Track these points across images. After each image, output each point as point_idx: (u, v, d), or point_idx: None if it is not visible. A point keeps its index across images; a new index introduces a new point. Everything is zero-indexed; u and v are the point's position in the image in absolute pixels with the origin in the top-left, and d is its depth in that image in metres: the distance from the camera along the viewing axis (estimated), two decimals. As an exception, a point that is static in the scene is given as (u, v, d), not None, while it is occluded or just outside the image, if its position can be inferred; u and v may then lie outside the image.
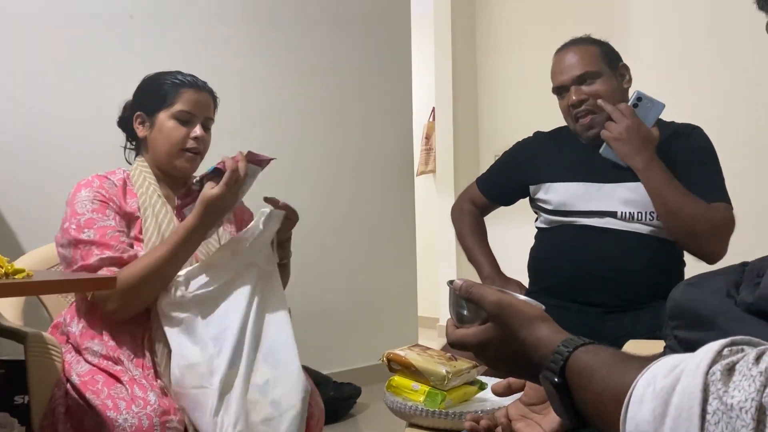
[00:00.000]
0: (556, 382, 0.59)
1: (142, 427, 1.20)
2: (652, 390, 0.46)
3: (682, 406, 0.43)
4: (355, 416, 2.68)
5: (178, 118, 1.48)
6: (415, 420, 1.25)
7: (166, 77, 1.52)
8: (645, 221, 1.60)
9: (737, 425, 0.40)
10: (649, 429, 0.45)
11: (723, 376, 0.42)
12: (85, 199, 1.40)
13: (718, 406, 0.41)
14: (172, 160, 1.50)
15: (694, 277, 0.71)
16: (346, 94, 3.10)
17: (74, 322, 1.42)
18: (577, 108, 1.64)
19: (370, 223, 3.17)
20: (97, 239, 1.35)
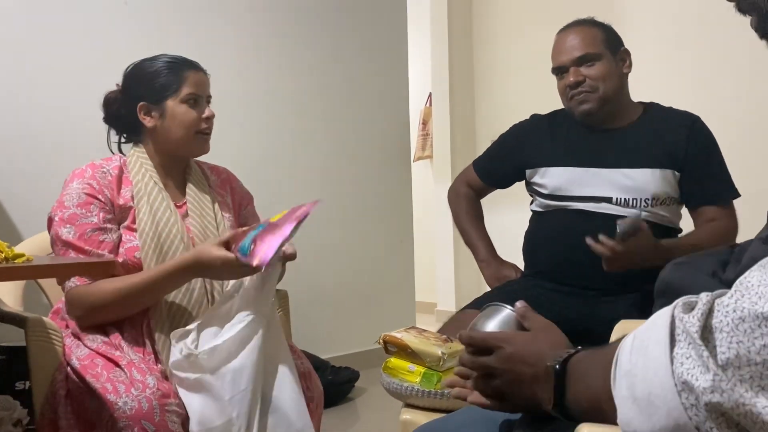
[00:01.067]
0: (556, 369, 0.64)
1: (142, 409, 1.21)
2: (632, 337, 0.54)
3: (654, 337, 0.50)
4: (354, 400, 2.70)
5: (187, 102, 1.47)
6: (412, 400, 1.27)
7: (157, 63, 1.49)
8: (640, 207, 1.62)
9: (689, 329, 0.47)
10: (629, 366, 0.51)
11: (685, 308, 0.50)
12: (74, 192, 1.40)
13: (681, 326, 0.48)
14: (188, 144, 1.49)
15: (682, 257, 0.73)
16: (342, 80, 3.09)
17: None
18: (573, 89, 1.65)
19: (368, 209, 3.17)
20: (74, 241, 1.35)
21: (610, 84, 1.63)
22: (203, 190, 1.55)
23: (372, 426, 2.41)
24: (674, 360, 0.47)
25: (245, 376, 1.26)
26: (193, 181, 1.55)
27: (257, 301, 1.33)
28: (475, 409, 0.96)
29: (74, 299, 1.36)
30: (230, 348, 1.26)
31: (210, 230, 1.50)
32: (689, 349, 0.46)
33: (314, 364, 1.67)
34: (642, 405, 0.48)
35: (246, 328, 1.28)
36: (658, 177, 1.62)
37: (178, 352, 1.26)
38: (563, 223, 1.69)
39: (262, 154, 2.82)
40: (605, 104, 1.64)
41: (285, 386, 1.33)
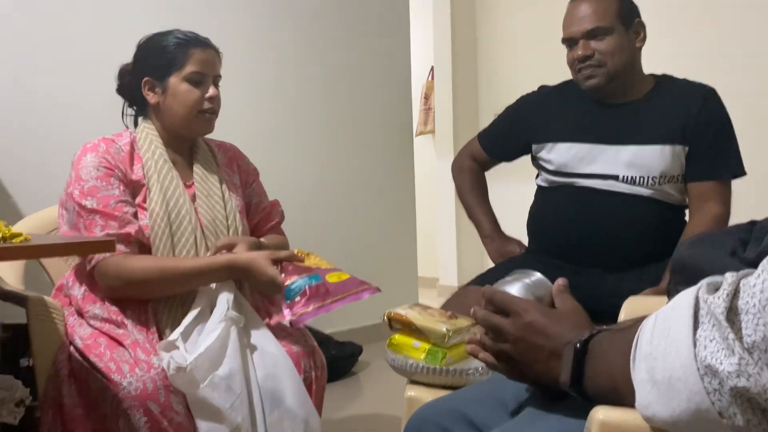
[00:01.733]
0: (577, 348, 0.63)
1: (147, 390, 1.20)
2: (654, 318, 0.51)
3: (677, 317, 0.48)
4: (357, 374, 2.72)
5: (190, 80, 1.44)
6: (416, 377, 1.26)
7: (167, 38, 1.46)
8: (647, 185, 1.59)
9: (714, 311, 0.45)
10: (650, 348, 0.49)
11: (709, 289, 0.48)
12: (90, 165, 1.38)
13: (706, 308, 0.46)
14: (190, 123, 1.47)
15: (699, 234, 0.71)
16: (343, 54, 3.04)
17: (76, 285, 1.41)
18: (581, 63, 1.61)
19: (370, 184, 3.15)
20: (100, 209, 1.33)
21: (620, 59, 1.59)
22: (211, 169, 1.53)
23: (375, 400, 2.43)
24: (697, 342, 0.45)
25: (237, 380, 1.27)
26: (201, 159, 1.53)
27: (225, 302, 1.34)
28: (482, 387, 0.95)
29: (110, 269, 1.33)
30: (211, 356, 1.26)
31: (218, 211, 1.48)
32: (713, 331, 0.44)
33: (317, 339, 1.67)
34: (662, 389, 0.47)
35: (222, 333, 1.28)
36: (668, 154, 1.58)
37: (166, 366, 1.24)
38: (569, 200, 1.66)
39: (263, 130, 2.79)
40: (613, 79, 1.60)
41: (283, 380, 1.33)
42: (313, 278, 1.30)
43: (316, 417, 1.36)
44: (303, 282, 1.29)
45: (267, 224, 1.62)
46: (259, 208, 1.61)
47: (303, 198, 2.89)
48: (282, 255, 1.37)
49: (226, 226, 1.47)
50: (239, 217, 1.50)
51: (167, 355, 1.25)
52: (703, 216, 1.57)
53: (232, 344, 1.29)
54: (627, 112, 1.64)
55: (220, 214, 1.48)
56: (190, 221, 1.42)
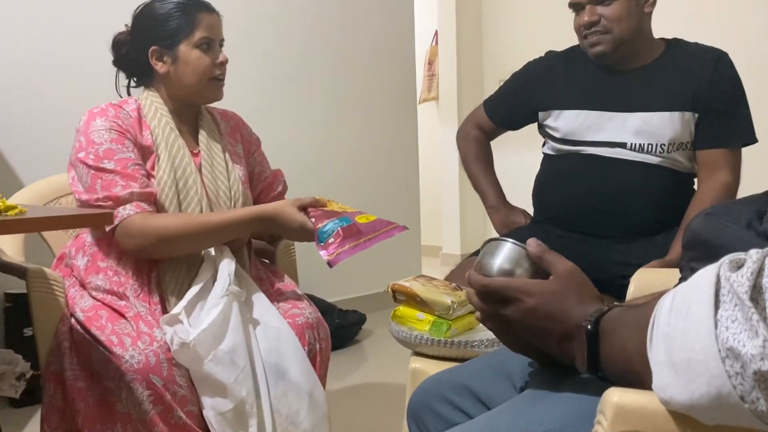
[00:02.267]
0: (588, 330, 0.60)
1: (150, 363, 1.20)
2: (671, 297, 0.49)
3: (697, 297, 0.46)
4: (361, 342, 2.73)
5: (200, 46, 1.41)
6: (421, 349, 1.26)
7: (169, 5, 1.42)
8: (655, 153, 1.56)
9: (737, 289, 0.43)
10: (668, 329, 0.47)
11: (732, 266, 0.46)
12: (102, 128, 1.35)
13: (728, 287, 0.44)
14: (202, 90, 1.44)
15: (713, 207, 0.68)
16: (345, 19, 2.98)
17: (79, 255, 1.40)
18: (587, 29, 1.56)
19: (373, 152, 3.12)
20: (119, 170, 1.31)
21: (627, 25, 1.54)
22: (214, 138, 1.51)
23: (379, 368, 2.44)
24: (718, 323, 0.43)
25: (240, 354, 1.26)
26: (205, 128, 1.51)
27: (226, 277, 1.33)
28: (487, 359, 0.94)
29: (135, 227, 1.30)
30: (214, 331, 1.25)
31: (220, 180, 1.46)
32: (736, 311, 0.42)
33: (321, 308, 1.67)
34: (680, 371, 0.45)
35: (224, 308, 1.28)
36: (677, 120, 1.55)
37: (169, 341, 1.24)
38: (575, 168, 1.63)
39: (266, 99, 2.75)
40: (620, 46, 1.55)
41: (287, 353, 1.32)
42: (343, 220, 1.32)
43: (321, 389, 1.36)
44: (334, 224, 1.30)
45: (270, 194, 1.60)
46: (261, 177, 1.59)
47: (305, 166, 2.86)
48: (306, 201, 1.37)
49: (229, 196, 1.45)
50: (242, 188, 1.48)
51: (170, 329, 1.24)
52: (712, 184, 1.54)
53: (234, 319, 1.28)
54: (636, 78, 1.60)
55: (224, 184, 1.46)
56: (197, 191, 1.41)
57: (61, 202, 1.66)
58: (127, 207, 1.30)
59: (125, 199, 1.30)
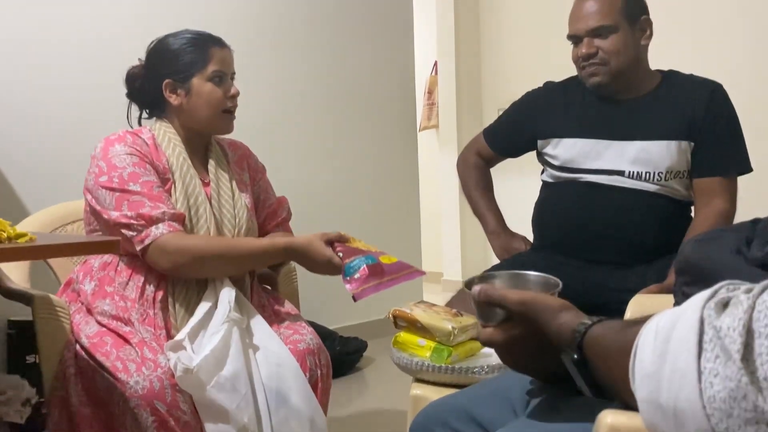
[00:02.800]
0: (575, 359, 0.60)
1: (154, 389, 1.20)
2: (654, 332, 0.47)
3: (681, 339, 0.44)
4: (362, 369, 2.72)
5: (212, 80, 1.46)
6: (422, 375, 1.27)
7: (182, 40, 1.47)
8: (653, 181, 1.58)
9: (726, 343, 0.41)
10: (653, 369, 0.46)
11: (717, 308, 0.43)
12: (122, 153, 1.38)
13: (713, 333, 0.42)
14: (214, 122, 1.48)
15: (704, 234, 0.70)
16: (346, 50, 3.03)
17: (87, 280, 1.41)
18: (585, 61, 1.60)
19: (374, 179, 3.15)
20: (145, 191, 1.35)
21: (624, 57, 1.58)
22: (223, 167, 1.54)
23: (380, 395, 2.43)
24: (702, 375, 0.41)
25: (242, 380, 1.27)
26: (214, 158, 1.54)
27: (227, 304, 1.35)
28: (488, 385, 0.95)
29: (172, 245, 1.33)
30: (216, 356, 1.27)
31: (226, 209, 1.49)
32: (717, 363, 0.41)
33: (322, 334, 1.67)
34: (668, 414, 0.44)
35: (225, 334, 1.30)
36: (674, 149, 1.58)
37: (173, 366, 1.25)
38: (574, 195, 1.66)
39: (267, 126, 2.78)
40: (617, 77, 1.59)
41: (288, 378, 1.33)
42: (369, 258, 1.36)
43: (322, 415, 1.36)
44: (360, 261, 1.34)
45: (274, 220, 1.62)
46: (266, 203, 1.62)
47: (306, 193, 2.89)
48: (332, 236, 1.41)
49: (234, 224, 1.48)
50: (247, 215, 1.51)
51: (174, 356, 1.25)
52: (708, 212, 1.57)
53: (234, 345, 1.30)
54: (633, 107, 1.63)
55: (229, 213, 1.49)
56: (207, 220, 1.44)
57: (67, 229, 1.68)
58: (159, 226, 1.33)
59: (158, 219, 1.33)
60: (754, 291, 0.43)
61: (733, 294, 0.45)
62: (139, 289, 1.37)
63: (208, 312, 1.35)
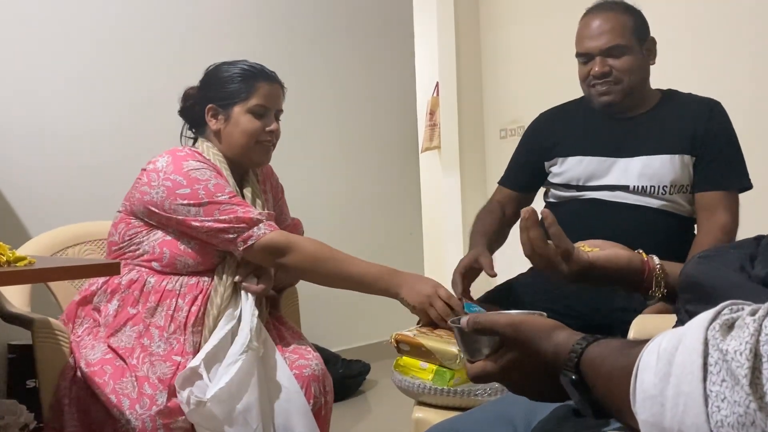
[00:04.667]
0: (573, 380, 0.59)
1: (146, 429, 1.19)
2: (657, 354, 0.46)
3: (685, 362, 0.43)
4: (365, 392, 2.69)
5: (253, 112, 1.47)
6: (424, 398, 1.25)
7: (234, 69, 1.49)
8: (657, 195, 1.58)
9: (733, 367, 0.40)
10: (655, 391, 0.45)
11: (722, 330, 0.42)
12: (199, 166, 1.40)
13: (719, 356, 0.41)
14: (248, 152, 1.49)
15: (707, 251, 0.69)
16: (348, 71, 3.06)
17: (115, 298, 1.40)
18: (597, 79, 1.60)
19: (376, 201, 3.15)
20: (235, 201, 1.38)
21: (636, 77, 1.59)
22: (257, 192, 1.56)
23: (383, 418, 2.40)
24: (708, 399, 0.40)
25: (254, 414, 1.26)
26: (250, 183, 1.56)
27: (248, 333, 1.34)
28: (490, 408, 0.93)
29: (282, 242, 1.39)
30: (231, 389, 1.26)
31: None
32: (724, 387, 0.40)
33: (325, 357, 1.65)
34: None
35: (243, 365, 1.28)
36: (677, 163, 1.58)
37: (185, 401, 1.23)
38: (577, 213, 1.65)
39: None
40: (627, 96, 1.60)
41: (294, 415, 1.32)
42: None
43: None
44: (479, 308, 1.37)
45: None
46: (283, 225, 1.63)
47: (309, 214, 2.88)
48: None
49: None
50: None
51: (186, 391, 1.23)
52: (711, 226, 1.56)
53: (251, 377, 1.28)
54: (636, 124, 1.64)
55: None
56: None
57: (68, 252, 1.68)
58: (261, 227, 1.37)
59: (257, 220, 1.37)
60: (760, 313, 0.42)
61: (738, 315, 0.44)
62: (169, 317, 1.36)
63: (225, 337, 1.33)
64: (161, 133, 1.58)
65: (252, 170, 1.59)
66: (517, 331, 0.67)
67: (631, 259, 0.99)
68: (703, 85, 1.80)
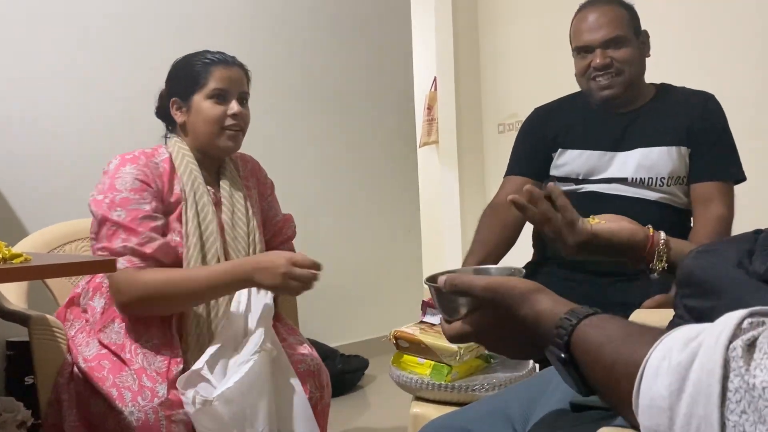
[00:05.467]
0: (563, 358, 0.57)
1: (149, 421, 1.18)
2: (668, 364, 0.44)
3: (701, 383, 0.41)
4: (363, 388, 2.70)
5: (212, 97, 1.45)
6: (422, 393, 1.25)
7: (195, 58, 1.48)
8: (655, 187, 1.59)
9: (760, 405, 0.38)
10: (664, 404, 0.43)
11: (744, 353, 0.40)
12: (127, 175, 1.36)
13: (740, 384, 0.39)
14: (214, 140, 1.46)
15: (705, 245, 0.68)
16: (346, 67, 3.05)
17: (96, 296, 1.40)
18: (599, 71, 1.60)
19: (374, 196, 3.15)
20: (125, 222, 1.31)
21: (636, 68, 1.60)
22: (237, 185, 1.53)
23: (382, 414, 2.40)
24: (726, 428, 0.39)
25: (260, 416, 1.24)
26: (228, 176, 1.53)
27: (262, 333, 1.30)
28: (488, 402, 0.94)
29: (122, 283, 1.29)
30: (241, 389, 1.22)
31: (240, 227, 1.48)
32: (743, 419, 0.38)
33: (323, 353, 1.65)
34: None
35: (254, 366, 1.25)
36: (674, 155, 1.59)
37: (191, 402, 1.20)
38: (575, 206, 1.64)
39: (269, 144, 2.78)
40: (628, 88, 1.61)
41: (298, 421, 1.30)
42: None
43: None
44: None
45: (279, 238, 1.62)
46: (273, 221, 1.62)
47: (307, 209, 2.89)
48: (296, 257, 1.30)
49: (247, 243, 1.47)
50: (258, 236, 1.50)
51: (190, 392, 1.21)
52: (707, 218, 1.56)
53: (263, 378, 1.26)
54: (632, 118, 1.65)
55: (242, 230, 1.48)
56: (216, 238, 1.42)
57: (65, 249, 1.67)
58: (120, 260, 1.28)
59: (118, 252, 1.29)
60: None
61: (759, 332, 0.42)
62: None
63: (228, 339, 1.31)
64: (158, 129, 1.57)
65: (233, 164, 1.57)
66: (495, 295, 0.65)
67: (635, 232, 1.01)
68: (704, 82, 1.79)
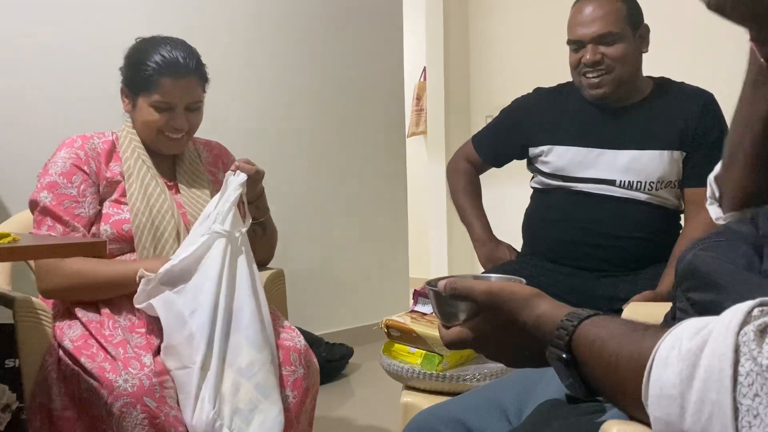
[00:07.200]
0: (564, 358, 0.57)
1: (144, 386, 1.19)
2: (678, 352, 0.44)
3: (712, 368, 0.41)
4: (348, 376, 2.70)
5: (155, 107, 1.43)
6: (413, 382, 1.25)
7: (147, 57, 1.42)
8: (643, 190, 1.58)
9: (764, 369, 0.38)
10: (675, 392, 0.43)
11: (756, 337, 0.40)
12: (59, 160, 1.40)
13: (752, 367, 0.39)
14: (154, 141, 1.48)
15: (706, 241, 0.68)
16: (335, 56, 3.02)
17: None
18: (589, 68, 1.58)
19: (362, 185, 3.14)
20: (51, 207, 1.34)
21: (628, 66, 1.56)
22: (195, 169, 1.53)
23: (367, 402, 2.41)
24: (739, 412, 0.39)
25: (205, 290, 1.26)
26: (186, 159, 1.53)
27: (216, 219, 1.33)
28: (480, 392, 0.93)
29: (42, 272, 1.34)
30: (189, 266, 1.27)
31: (201, 205, 1.47)
32: (757, 402, 0.38)
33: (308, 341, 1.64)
34: None
35: (202, 245, 1.29)
36: (666, 159, 1.58)
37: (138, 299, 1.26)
38: (564, 203, 1.65)
39: (254, 131, 2.76)
40: (619, 86, 1.58)
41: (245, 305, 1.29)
42: None
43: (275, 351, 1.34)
44: None
45: None
46: None
47: (294, 199, 2.87)
48: None
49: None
50: None
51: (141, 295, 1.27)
52: (698, 221, 1.57)
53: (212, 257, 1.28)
54: (626, 115, 1.63)
55: (203, 204, 1.47)
56: (173, 215, 1.42)
57: (49, 231, 1.64)
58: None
59: None
60: None
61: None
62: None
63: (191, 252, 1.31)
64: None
65: (196, 152, 1.58)
66: (496, 300, 0.65)
67: None
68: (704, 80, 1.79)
